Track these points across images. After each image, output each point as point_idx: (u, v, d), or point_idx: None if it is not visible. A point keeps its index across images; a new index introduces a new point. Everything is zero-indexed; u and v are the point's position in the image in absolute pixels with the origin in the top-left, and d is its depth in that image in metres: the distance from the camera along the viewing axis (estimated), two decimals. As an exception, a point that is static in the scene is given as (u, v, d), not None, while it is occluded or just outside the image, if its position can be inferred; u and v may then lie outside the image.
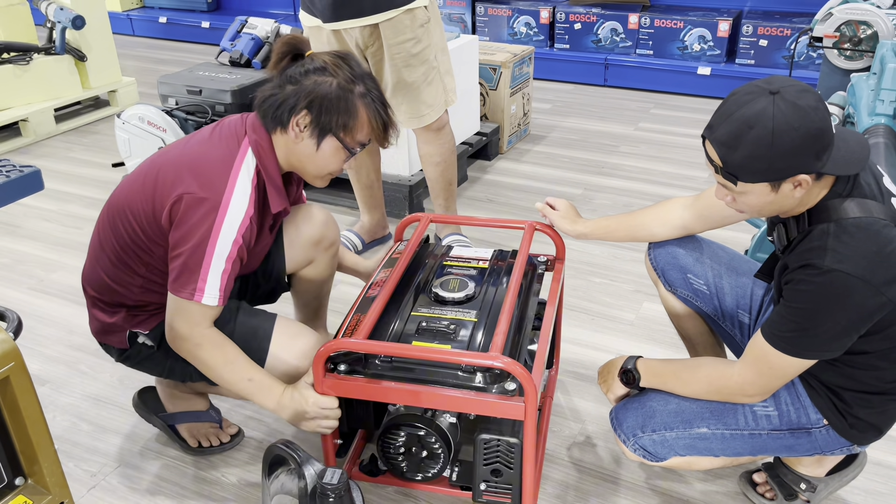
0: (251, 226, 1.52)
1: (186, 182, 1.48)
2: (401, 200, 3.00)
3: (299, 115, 1.50)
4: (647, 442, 1.55)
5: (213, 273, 1.47)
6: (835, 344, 1.33)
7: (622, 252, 2.74)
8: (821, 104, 1.24)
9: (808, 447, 1.50)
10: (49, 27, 4.01)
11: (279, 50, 1.58)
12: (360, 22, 2.26)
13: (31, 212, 3.17)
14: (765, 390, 1.44)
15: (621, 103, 4.29)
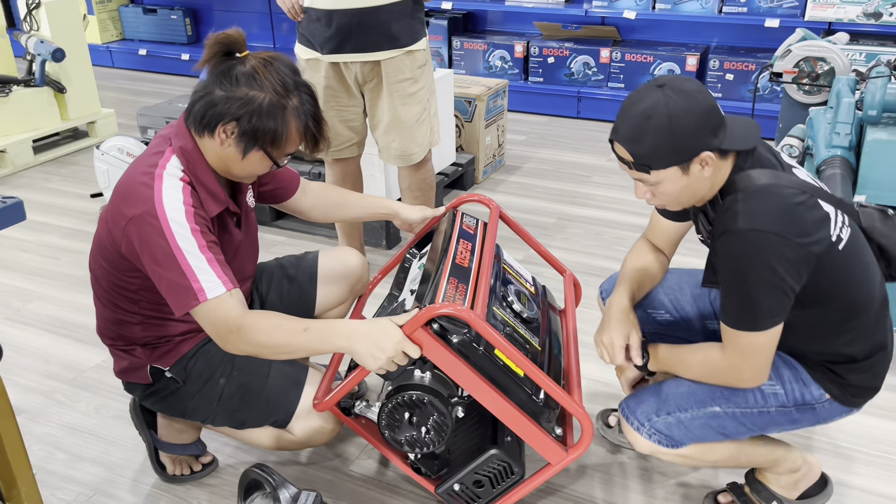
0: (200, 217, 1.47)
1: (123, 210, 1.45)
2: (378, 230, 3.05)
3: (227, 125, 1.46)
4: (663, 425, 1.56)
5: (198, 268, 1.41)
6: (776, 305, 1.38)
7: (594, 279, 2.80)
8: (703, 88, 1.39)
9: (812, 420, 1.56)
10: (29, 60, 4.05)
11: (211, 47, 1.49)
12: (361, 57, 2.34)
13: (8, 242, 3.18)
14: (755, 371, 1.46)
15: (594, 135, 4.39)
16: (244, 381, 1.64)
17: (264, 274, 1.90)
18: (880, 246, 1.54)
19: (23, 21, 4.08)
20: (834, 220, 1.42)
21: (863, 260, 1.47)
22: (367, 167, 2.98)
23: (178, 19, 5.90)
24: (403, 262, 1.94)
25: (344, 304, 1.96)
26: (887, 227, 1.54)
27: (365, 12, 2.27)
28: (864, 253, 1.48)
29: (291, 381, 1.65)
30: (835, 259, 1.40)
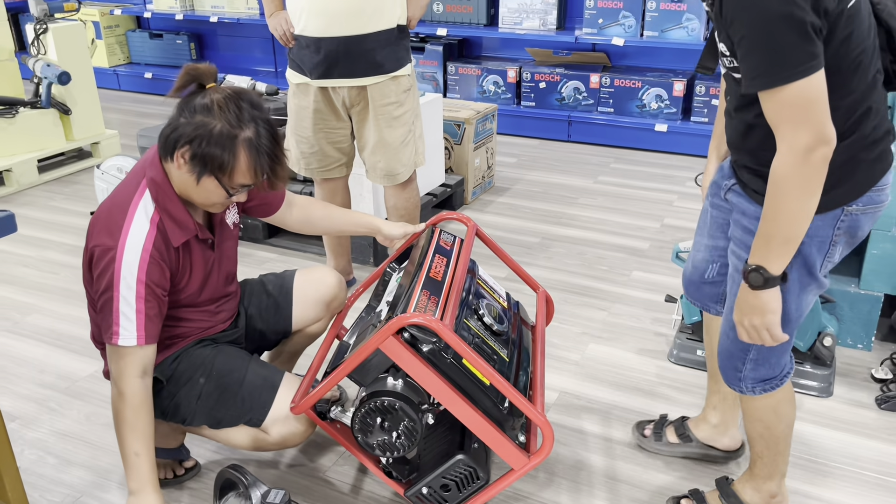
0: (155, 261, 1.58)
1: (96, 234, 1.60)
2: (366, 247, 3.15)
3: (182, 149, 1.55)
4: (752, 375, 1.60)
5: (125, 315, 1.55)
6: (808, 42, 1.23)
7: (572, 297, 2.89)
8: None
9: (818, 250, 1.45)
10: (36, 82, 4.19)
11: (181, 79, 1.60)
12: (349, 82, 2.45)
13: (10, 258, 3.29)
14: (815, 129, 1.26)
15: (583, 157, 4.50)
16: (222, 381, 1.74)
17: (247, 289, 2.01)
18: (889, 30, 1.40)
19: (31, 45, 4.23)
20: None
21: (865, 32, 1.35)
22: (356, 187, 3.09)
23: (184, 44, 6.07)
24: (384, 276, 2.03)
25: (321, 321, 2.05)
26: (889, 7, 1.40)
27: (351, 40, 2.39)
28: (868, 26, 1.36)
29: (266, 382, 1.74)
30: (841, 21, 1.28)
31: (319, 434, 2.13)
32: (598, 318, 2.74)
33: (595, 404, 2.27)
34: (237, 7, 5.67)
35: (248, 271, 3.01)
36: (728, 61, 1.41)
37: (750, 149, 1.48)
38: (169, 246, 1.63)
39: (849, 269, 2.51)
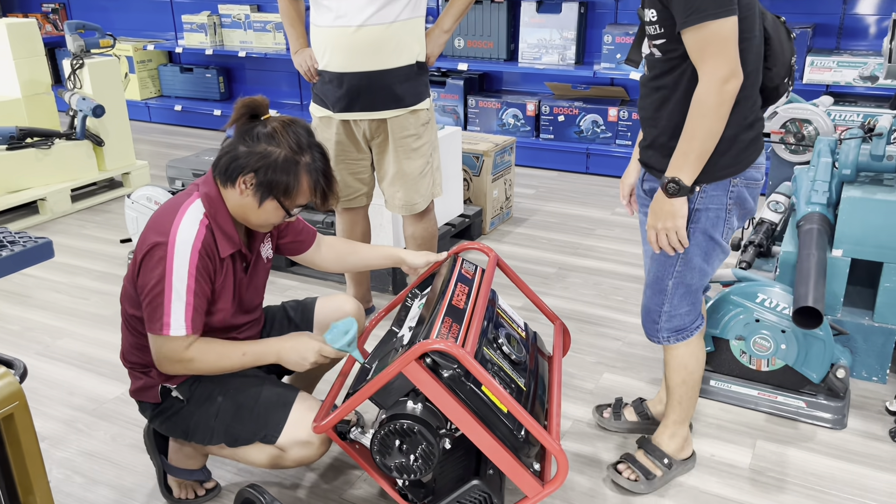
0: (204, 259, 1.68)
1: (149, 235, 1.69)
2: (385, 276, 3.22)
3: (246, 177, 1.68)
4: (667, 326, 1.94)
5: (176, 306, 1.65)
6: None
7: (588, 326, 2.93)
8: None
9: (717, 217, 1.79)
10: (71, 115, 4.36)
11: (237, 112, 1.73)
12: (369, 115, 2.55)
13: (42, 283, 3.41)
14: (730, 64, 1.57)
15: (601, 189, 4.56)
16: (238, 398, 1.80)
17: (269, 315, 2.08)
18: (766, 38, 1.70)
19: (67, 79, 4.40)
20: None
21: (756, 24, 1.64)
22: (376, 217, 3.17)
23: (213, 77, 6.25)
24: (405, 302, 2.10)
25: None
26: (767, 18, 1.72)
27: (373, 75, 2.48)
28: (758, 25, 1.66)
29: (281, 399, 1.81)
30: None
31: (336, 457, 2.18)
32: (613, 348, 2.78)
33: (609, 433, 2.30)
34: (265, 42, 5.85)
35: (270, 298, 3.08)
36: (653, 29, 1.68)
37: (665, 120, 1.74)
38: (214, 254, 1.73)
39: (863, 302, 2.53)
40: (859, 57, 3.95)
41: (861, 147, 2.40)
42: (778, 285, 2.32)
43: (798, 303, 2.12)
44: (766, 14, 1.73)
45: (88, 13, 6.86)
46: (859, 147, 2.41)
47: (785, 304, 2.27)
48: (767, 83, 1.77)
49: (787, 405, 2.35)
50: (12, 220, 4.11)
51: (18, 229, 4.02)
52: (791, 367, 2.32)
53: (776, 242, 2.84)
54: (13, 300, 3.26)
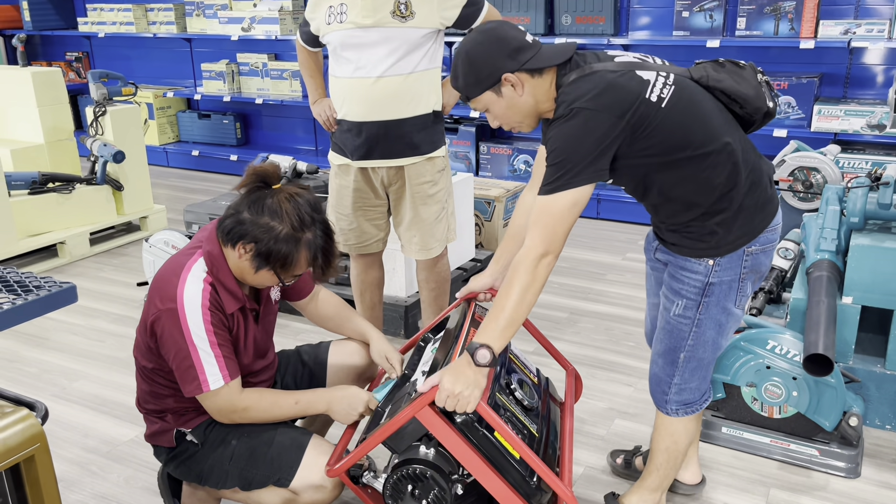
0: (215, 313, 1.71)
1: (154, 301, 1.73)
2: (397, 320, 3.25)
3: (247, 245, 1.71)
4: (676, 399, 1.90)
5: (206, 363, 1.69)
6: (598, 163, 1.59)
7: (599, 372, 2.94)
8: (503, 24, 1.71)
9: (729, 288, 1.78)
10: (92, 160, 4.47)
11: (248, 178, 1.76)
12: (387, 163, 2.60)
13: (60, 326, 3.46)
14: (551, 240, 1.62)
15: (611, 234, 4.59)
16: (252, 442, 1.82)
17: (284, 359, 2.11)
18: (723, 91, 1.73)
19: (89, 126, 4.52)
20: (653, 82, 1.64)
21: (697, 111, 1.67)
22: (389, 261, 3.21)
23: (230, 123, 6.39)
24: (419, 346, 2.12)
25: None
26: (719, 73, 1.74)
27: (391, 124, 2.54)
28: (697, 104, 1.68)
29: (295, 442, 1.82)
30: (660, 116, 1.62)
31: (349, 501, 2.18)
32: (625, 394, 2.78)
33: (622, 480, 2.29)
34: (281, 90, 5.98)
35: (284, 342, 3.11)
36: None
37: (661, 213, 1.80)
38: (222, 309, 1.76)
39: (875, 349, 2.53)
40: (866, 106, 4.01)
41: (868, 195, 2.43)
42: (788, 332, 2.33)
43: (808, 350, 2.13)
44: (722, 80, 1.74)
45: (111, 61, 7.06)
46: (867, 195, 2.44)
47: (796, 351, 2.28)
48: (752, 119, 1.79)
49: (800, 453, 2.33)
50: (32, 262, 4.19)
51: (38, 272, 4.10)
52: (803, 415, 2.31)
53: (786, 289, 2.85)
54: (32, 342, 3.31)
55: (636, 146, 1.64)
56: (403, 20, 2.41)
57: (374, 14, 2.40)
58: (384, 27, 2.41)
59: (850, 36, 4.00)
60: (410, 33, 2.43)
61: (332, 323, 2.15)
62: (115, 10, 6.41)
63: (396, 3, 2.40)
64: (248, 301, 1.84)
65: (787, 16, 4.16)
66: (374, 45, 2.44)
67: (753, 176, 1.75)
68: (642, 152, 1.66)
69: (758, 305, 2.66)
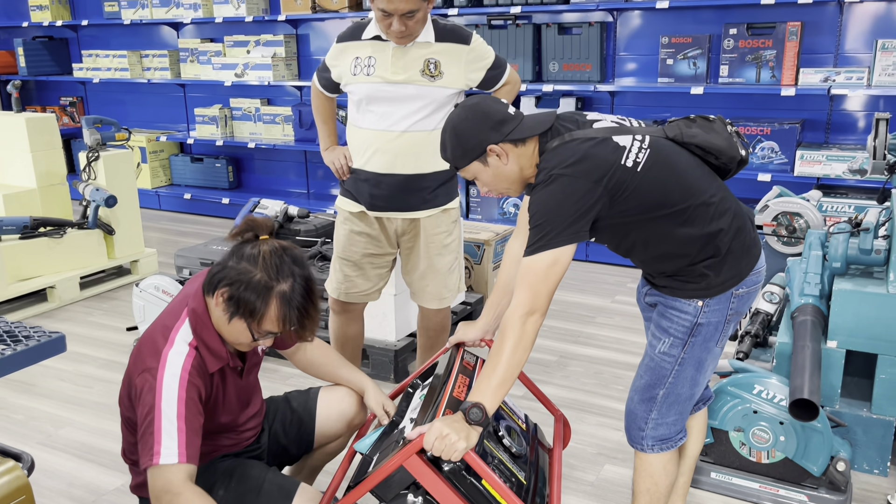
0: (193, 386, 1.69)
1: (139, 359, 1.73)
2: (386, 364, 3.25)
3: (222, 289, 1.71)
4: (653, 434, 1.93)
5: (166, 434, 1.63)
6: (576, 225, 1.67)
7: (589, 416, 2.94)
8: (486, 99, 1.80)
9: (715, 329, 1.84)
10: (84, 205, 4.49)
11: (241, 227, 1.79)
12: (404, 215, 2.60)
13: (48, 371, 3.44)
14: (535, 299, 1.68)
15: (601, 277, 4.62)
16: (240, 490, 1.81)
17: (272, 406, 2.11)
18: (697, 145, 1.81)
19: (82, 171, 4.55)
20: (629, 149, 1.72)
21: (673, 170, 1.76)
22: (380, 306, 3.23)
23: (222, 167, 6.44)
24: (407, 392, 2.12)
25: (342, 438, 2.14)
26: (692, 129, 1.83)
27: (411, 178, 2.54)
28: (673, 163, 1.76)
29: (283, 491, 1.81)
30: (637, 180, 1.71)
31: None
32: (614, 439, 2.78)
33: (610, 527, 2.29)
34: (273, 134, 6.05)
35: (274, 387, 3.11)
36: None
37: (650, 263, 1.88)
38: (205, 371, 1.76)
39: (860, 393, 2.55)
40: (847, 151, 4.09)
41: (850, 241, 2.48)
42: (775, 376, 2.35)
43: (794, 395, 2.15)
44: (695, 135, 1.81)
45: (105, 106, 7.14)
46: (847, 241, 2.48)
47: (782, 396, 2.30)
48: (727, 168, 1.87)
49: (789, 499, 2.34)
50: (21, 307, 4.18)
51: (27, 317, 4.09)
52: (791, 460, 2.32)
53: (773, 332, 2.88)
54: (19, 389, 3.29)
55: (615, 209, 1.73)
56: (432, 79, 2.44)
57: (404, 71, 2.43)
58: (413, 84, 2.44)
59: (830, 83, 4.10)
60: (438, 92, 2.46)
61: (322, 370, 2.15)
62: (111, 57, 6.50)
63: (426, 62, 2.44)
64: (232, 359, 1.83)
65: (767, 64, 4.26)
66: (402, 100, 2.46)
67: (738, 221, 1.83)
68: (621, 214, 1.74)
69: (744, 349, 2.68)
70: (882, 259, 2.44)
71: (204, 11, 5.95)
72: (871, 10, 4.19)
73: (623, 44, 4.84)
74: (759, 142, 4.32)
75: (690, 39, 4.47)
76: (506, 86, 2.65)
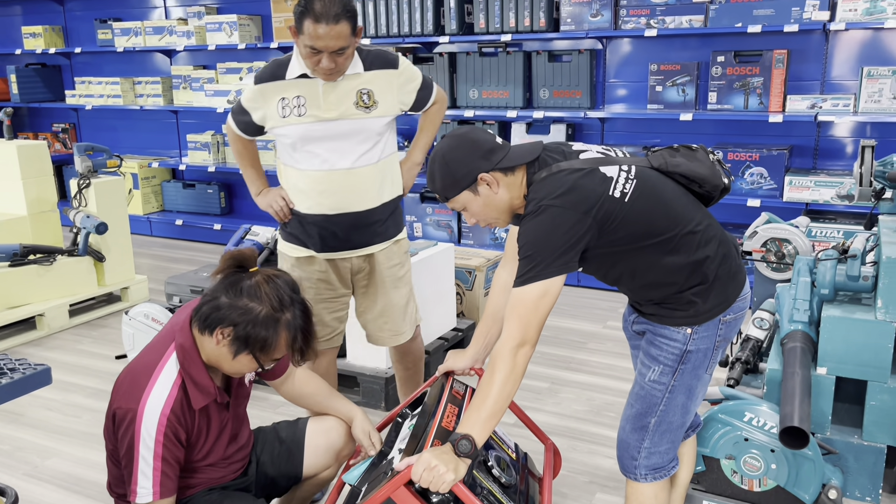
0: (173, 424, 1.69)
1: (120, 395, 1.73)
2: (377, 392, 3.23)
3: (225, 329, 1.71)
4: (646, 463, 1.92)
5: (142, 474, 1.67)
6: (566, 256, 1.67)
7: (580, 444, 2.92)
8: (474, 129, 1.82)
9: (704, 356, 1.85)
10: (74, 232, 4.48)
11: (224, 263, 1.78)
12: (357, 252, 2.52)
13: (35, 401, 3.41)
14: (525, 331, 1.68)
15: (592, 302, 4.63)
16: None
17: (261, 436, 2.09)
18: (682, 174, 1.84)
19: (73, 198, 4.55)
20: (616, 179, 1.74)
21: (659, 200, 1.77)
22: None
23: (214, 193, 6.44)
24: (396, 422, 2.11)
25: (331, 469, 2.12)
26: (676, 158, 1.85)
27: (361, 215, 2.47)
28: (660, 193, 1.79)
29: None
30: (625, 210, 1.72)
31: (325, 585, 2.14)
32: (606, 467, 2.76)
33: (602, 557, 2.27)
34: (266, 160, 6.06)
35: (263, 415, 3.09)
36: None
37: (637, 291, 1.89)
38: (187, 409, 1.75)
39: (851, 420, 2.54)
40: (835, 177, 4.13)
41: (837, 267, 2.49)
42: (765, 404, 2.34)
43: (784, 422, 2.15)
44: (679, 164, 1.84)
45: (97, 132, 7.15)
46: (835, 268, 2.49)
47: (773, 423, 2.29)
48: (711, 196, 1.90)
49: (782, 527, 2.32)
50: (10, 335, 4.14)
51: (15, 345, 4.06)
52: (783, 488, 2.31)
53: (763, 359, 2.88)
54: (6, 418, 3.25)
55: (603, 239, 1.74)
56: (367, 110, 2.38)
57: (337, 107, 2.35)
58: (349, 119, 2.36)
59: (817, 110, 4.15)
60: (374, 123, 2.40)
61: (310, 401, 2.14)
62: (104, 84, 6.53)
63: (359, 94, 2.37)
64: (219, 394, 1.82)
65: (755, 91, 4.31)
66: (340, 137, 2.38)
67: (723, 248, 1.85)
68: (610, 244, 1.75)
69: (735, 376, 2.68)
70: (870, 285, 2.45)
71: (197, 39, 5.99)
72: (856, 37, 4.26)
73: (613, 71, 4.90)
74: (747, 167, 4.35)
75: (679, 67, 4.52)
76: (434, 105, 2.61)
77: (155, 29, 6.19)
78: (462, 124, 5.19)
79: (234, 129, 2.55)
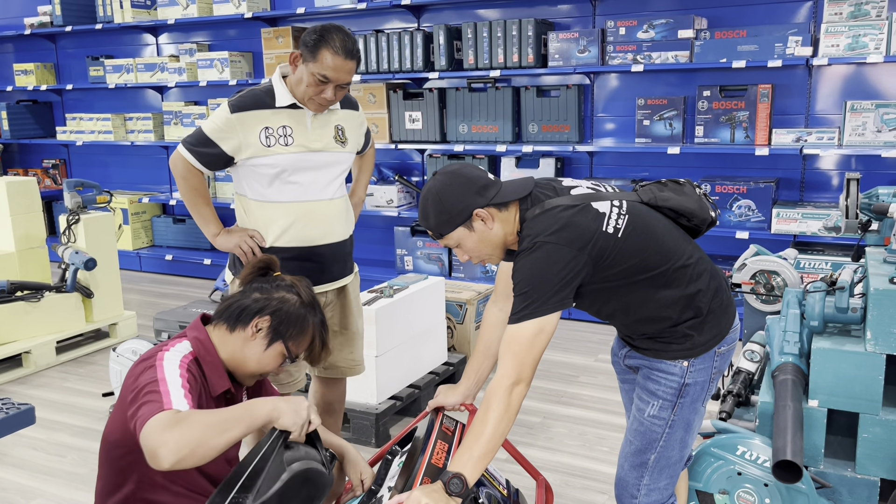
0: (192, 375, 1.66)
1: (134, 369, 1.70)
2: (368, 428, 3.20)
3: (262, 319, 1.76)
4: (645, 501, 1.90)
5: (174, 388, 1.57)
6: (561, 293, 1.67)
7: (573, 479, 2.89)
8: (466, 165, 1.82)
9: (701, 389, 1.86)
10: (63, 268, 4.45)
11: (254, 265, 1.89)
12: (334, 285, 2.53)
13: (20, 440, 3.35)
14: (521, 369, 1.67)
15: (583, 335, 4.62)
16: None
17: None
18: (671, 208, 1.86)
19: (62, 234, 4.53)
20: (608, 214, 1.74)
21: (651, 234, 1.78)
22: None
23: (204, 228, 6.43)
24: (385, 459, 2.08)
25: None
26: (664, 192, 1.88)
27: (339, 245, 2.51)
28: (651, 227, 1.80)
29: None
30: (619, 245, 1.73)
31: None
32: (600, 502, 2.73)
33: None
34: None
35: (251, 454, 3.03)
36: None
37: (633, 332, 1.90)
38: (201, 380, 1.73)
39: (844, 453, 2.53)
40: (822, 209, 4.17)
41: (826, 299, 2.50)
42: (758, 437, 2.33)
43: (777, 456, 2.13)
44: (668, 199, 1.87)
45: (88, 168, 7.16)
46: (824, 300, 2.50)
47: (766, 457, 2.27)
48: (699, 229, 1.93)
49: (778, 563, 2.29)
50: (-5, 373, 4.10)
51: (0, 384, 4.00)
52: (778, 523, 2.28)
53: (755, 391, 2.87)
54: (-12, 458, 3.20)
55: (598, 275, 1.74)
56: (343, 145, 2.47)
57: (321, 139, 2.41)
58: (329, 151, 2.43)
59: (802, 143, 4.20)
60: (347, 157, 2.50)
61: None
62: (95, 120, 6.55)
63: (336, 129, 2.45)
64: (233, 387, 1.81)
65: (741, 124, 4.37)
66: (323, 168, 2.43)
67: (715, 281, 1.87)
68: (604, 280, 1.76)
69: (727, 409, 2.66)
70: (859, 317, 2.45)
71: (188, 75, 6.03)
72: (839, 72, 4.33)
73: (601, 105, 4.95)
74: (735, 200, 4.39)
75: (666, 101, 4.58)
76: (370, 149, 2.77)
77: (146, 66, 6.24)
78: (452, 159, 5.22)
79: (193, 163, 2.37)
